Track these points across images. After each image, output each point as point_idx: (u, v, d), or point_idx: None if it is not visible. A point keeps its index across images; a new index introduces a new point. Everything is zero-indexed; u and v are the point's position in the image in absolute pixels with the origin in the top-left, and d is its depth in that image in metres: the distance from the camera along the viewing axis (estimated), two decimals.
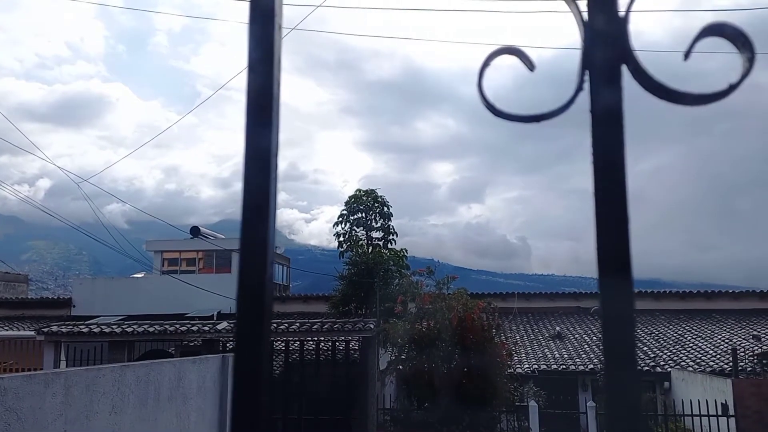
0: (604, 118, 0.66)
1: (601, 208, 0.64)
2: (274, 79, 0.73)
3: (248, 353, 0.69)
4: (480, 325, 14.55)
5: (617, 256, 0.63)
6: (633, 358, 0.62)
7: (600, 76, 0.67)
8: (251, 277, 0.69)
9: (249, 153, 0.71)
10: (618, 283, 0.62)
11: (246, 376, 0.68)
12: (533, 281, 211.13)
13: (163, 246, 31.03)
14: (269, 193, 0.72)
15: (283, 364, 15.62)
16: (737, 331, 22.14)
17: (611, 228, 0.63)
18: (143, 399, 6.35)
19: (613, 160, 0.65)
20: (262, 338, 0.68)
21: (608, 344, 0.63)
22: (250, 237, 0.70)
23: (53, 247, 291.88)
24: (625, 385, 0.61)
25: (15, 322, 26.42)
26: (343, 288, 21.43)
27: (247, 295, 0.69)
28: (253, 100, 0.71)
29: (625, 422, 0.61)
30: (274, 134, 0.73)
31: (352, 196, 28.18)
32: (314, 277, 52.23)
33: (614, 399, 0.61)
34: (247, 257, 0.70)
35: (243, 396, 0.67)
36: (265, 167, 0.71)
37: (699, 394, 14.88)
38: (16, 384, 4.63)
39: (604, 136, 0.65)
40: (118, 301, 26.53)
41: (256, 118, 0.72)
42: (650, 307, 25.26)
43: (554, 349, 21.10)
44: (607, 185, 0.64)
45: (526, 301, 26.62)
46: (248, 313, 0.69)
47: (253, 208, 0.70)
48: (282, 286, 34.94)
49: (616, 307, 0.62)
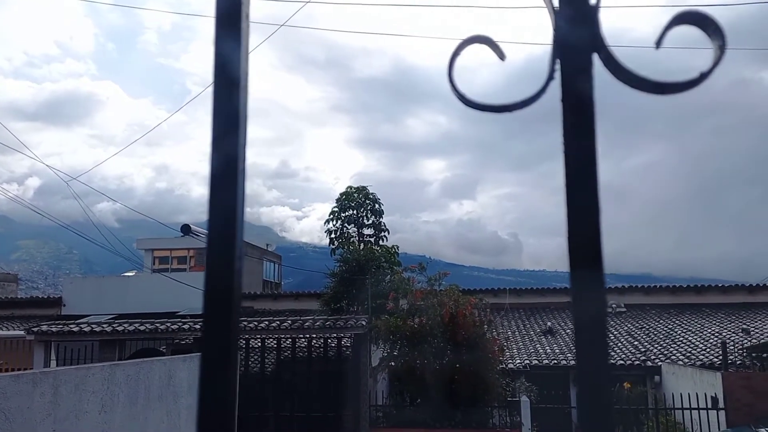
0: (575, 107, 0.65)
1: (572, 197, 0.63)
2: (241, 72, 0.71)
3: (215, 359, 0.67)
4: (472, 320, 14.59)
5: (588, 247, 0.62)
6: (605, 353, 0.62)
7: (571, 64, 0.66)
8: (219, 276, 0.68)
9: (215, 156, 0.69)
10: (590, 274, 0.62)
11: (213, 380, 0.67)
12: (524, 277, 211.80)
13: (154, 244, 30.95)
14: (236, 203, 0.71)
15: (275, 362, 15.60)
16: (727, 324, 22.29)
17: (582, 218, 0.62)
18: (133, 398, 6.32)
19: (585, 149, 0.64)
20: (229, 341, 0.67)
21: (580, 339, 0.62)
22: (218, 235, 0.68)
23: (43, 247, 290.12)
24: (596, 379, 0.60)
25: (5, 321, 26.25)
26: (335, 285, 21.41)
27: (215, 297, 0.68)
28: (220, 93, 0.70)
29: (597, 415, 0.60)
30: (241, 136, 0.71)
31: (344, 193, 28.20)
32: (305, 274, 52.19)
33: (584, 391, 0.61)
34: (215, 257, 0.68)
35: (210, 403, 0.66)
36: (231, 166, 0.69)
37: (689, 387, 14.98)
38: (3, 384, 4.60)
39: (575, 125, 0.65)
40: (108, 299, 26.41)
41: (223, 99, 0.70)
42: (641, 302, 25.40)
43: (546, 344, 21.17)
44: (578, 174, 0.64)
45: (517, 297, 26.69)
46: (215, 315, 0.68)
47: (220, 209, 0.68)
48: (273, 284, 34.90)
49: (588, 299, 0.62)
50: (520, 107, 0.69)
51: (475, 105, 0.71)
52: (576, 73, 0.65)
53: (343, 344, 15.38)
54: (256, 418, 13.86)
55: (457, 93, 0.71)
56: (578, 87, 0.65)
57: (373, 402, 15.16)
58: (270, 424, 14.24)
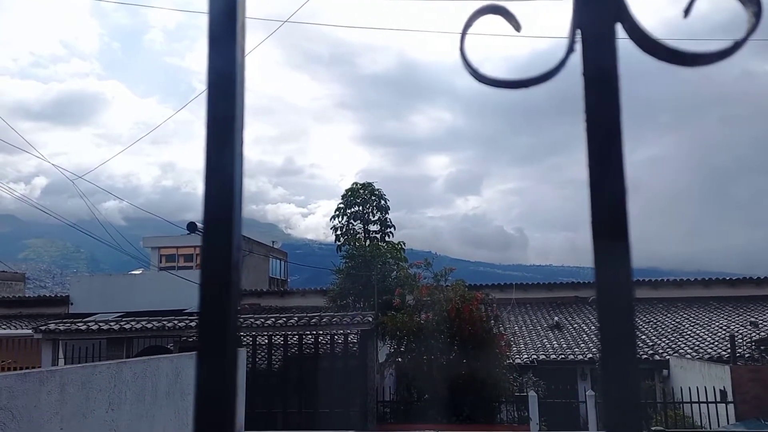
0: (597, 80, 0.61)
1: (596, 173, 0.59)
2: (237, 60, 0.67)
3: (212, 359, 0.64)
4: (478, 316, 14.55)
5: (613, 220, 0.58)
6: (632, 331, 0.58)
7: (592, 35, 0.62)
8: (215, 274, 0.64)
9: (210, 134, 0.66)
10: (614, 245, 0.58)
11: (210, 380, 0.63)
12: (531, 272, 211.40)
13: (161, 242, 30.98)
14: (233, 201, 0.67)
15: (282, 358, 15.61)
16: (735, 318, 22.19)
17: (607, 192, 0.58)
18: (140, 395, 6.31)
19: (609, 122, 0.60)
20: (226, 340, 0.64)
21: (604, 319, 0.58)
22: (214, 234, 0.65)
23: (50, 245, 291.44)
24: (622, 356, 0.57)
25: (13, 320, 26.38)
26: (341, 281, 21.40)
27: (211, 294, 0.64)
28: (214, 82, 0.66)
29: (622, 391, 0.56)
30: (238, 124, 0.67)
31: (349, 190, 28.13)
32: (312, 271, 52.22)
33: (610, 371, 0.57)
34: (211, 249, 0.64)
35: (206, 404, 0.63)
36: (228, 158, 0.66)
37: (697, 381, 14.91)
38: (10, 382, 4.59)
39: (598, 99, 0.61)
40: (116, 298, 26.48)
41: (218, 98, 0.66)
42: (648, 296, 25.30)
43: (553, 339, 21.12)
44: (602, 149, 0.60)
45: (524, 292, 26.63)
46: (211, 315, 0.64)
47: (216, 208, 0.65)
48: (280, 281, 34.93)
49: (613, 273, 0.58)
50: (537, 82, 0.65)
51: (488, 80, 0.67)
52: (598, 45, 0.61)
53: (350, 340, 15.37)
54: (264, 414, 13.87)
55: (469, 68, 0.67)
56: (601, 59, 0.61)
57: (381, 398, 15.16)
58: (278, 421, 14.24)
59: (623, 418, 0.56)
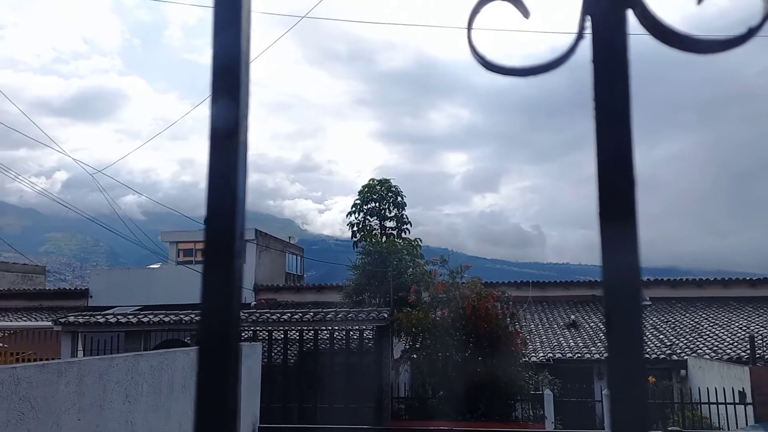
0: (607, 67, 0.60)
1: (604, 160, 0.58)
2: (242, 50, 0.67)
3: (213, 357, 0.64)
4: (494, 313, 14.49)
5: (621, 207, 0.57)
6: (639, 317, 0.57)
7: (602, 21, 0.61)
8: (217, 270, 0.64)
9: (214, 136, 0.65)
10: (621, 228, 0.57)
11: (210, 379, 0.63)
12: (548, 270, 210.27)
13: (179, 237, 31.20)
14: (236, 188, 0.67)
15: (298, 353, 15.66)
16: (755, 318, 21.91)
17: (615, 180, 0.57)
18: (157, 388, 6.37)
19: (618, 111, 0.59)
20: (228, 337, 0.63)
21: (611, 301, 0.57)
22: (216, 227, 0.64)
23: (70, 239, 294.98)
24: (628, 340, 0.55)
25: (33, 312, 26.73)
26: (357, 277, 21.41)
27: (213, 292, 0.64)
28: (218, 73, 0.65)
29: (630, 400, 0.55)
30: (242, 111, 0.67)
31: (366, 186, 28.14)
32: (328, 266, 52.30)
33: (616, 355, 0.56)
34: (212, 250, 0.64)
35: (206, 403, 0.63)
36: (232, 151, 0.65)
37: (716, 381, 14.74)
38: (29, 373, 4.65)
39: (608, 86, 0.59)
40: (134, 291, 26.74)
41: (221, 91, 0.66)
42: (666, 295, 25.04)
43: (569, 337, 20.98)
44: (611, 138, 0.58)
45: (540, 290, 26.47)
46: (213, 312, 0.64)
47: (218, 199, 0.64)
48: (296, 276, 35.05)
49: (619, 256, 0.57)
50: (546, 70, 0.64)
51: (496, 68, 0.66)
52: (608, 31, 0.60)
53: (365, 336, 15.39)
54: (279, 408, 13.94)
55: (476, 55, 0.66)
56: (611, 45, 0.60)
57: (396, 394, 15.16)
58: (293, 415, 14.31)
59: (630, 410, 0.56)
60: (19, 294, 29.81)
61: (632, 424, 0.60)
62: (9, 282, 32.73)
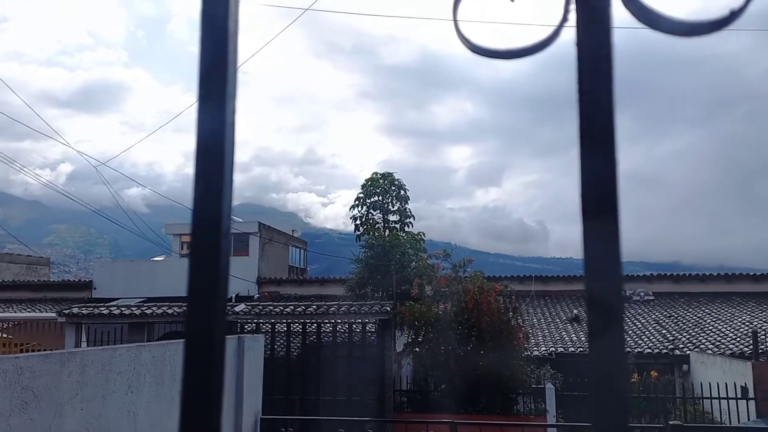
0: (591, 52, 0.60)
1: (587, 148, 0.59)
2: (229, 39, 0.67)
3: (199, 348, 0.65)
4: (497, 307, 14.49)
5: (603, 200, 0.58)
6: (619, 314, 0.57)
7: (587, 5, 0.61)
8: (204, 262, 0.64)
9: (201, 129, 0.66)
10: (603, 224, 0.57)
11: (196, 374, 0.64)
12: (551, 264, 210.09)
13: (182, 229, 31.24)
14: (223, 177, 0.67)
15: (301, 346, 15.70)
16: (758, 313, 21.88)
17: (597, 169, 0.58)
18: (159, 378, 6.40)
19: (600, 96, 0.59)
20: (213, 330, 0.64)
21: (591, 294, 0.58)
22: (202, 217, 0.65)
23: (74, 231, 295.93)
24: (608, 336, 0.56)
25: (37, 304, 26.86)
26: (360, 271, 21.45)
27: (199, 285, 0.65)
28: (204, 76, 0.66)
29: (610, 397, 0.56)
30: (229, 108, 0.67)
31: (369, 179, 28.14)
32: (331, 260, 52.37)
33: (597, 351, 0.56)
34: (199, 241, 0.65)
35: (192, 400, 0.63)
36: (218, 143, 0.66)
37: (718, 377, 14.74)
38: (32, 363, 4.67)
39: (591, 72, 0.60)
40: (138, 283, 26.83)
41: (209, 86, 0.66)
42: (670, 290, 25.03)
43: (572, 331, 21.00)
44: (594, 124, 0.59)
45: (543, 284, 26.48)
46: (199, 304, 0.65)
47: (204, 188, 0.65)
48: (299, 269, 35.12)
49: (601, 252, 0.57)
50: (531, 53, 0.64)
51: (481, 51, 0.66)
52: (593, 15, 0.60)
53: (368, 329, 15.41)
54: (282, 401, 13.98)
55: (461, 37, 0.66)
56: (595, 31, 0.60)
57: (398, 387, 15.19)
58: (296, 407, 14.35)
59: (607, 403, 0.56)
60: (24, 285, 29.93)
61: (613, 422, 0.60)
62: (13, 273, 32.88)
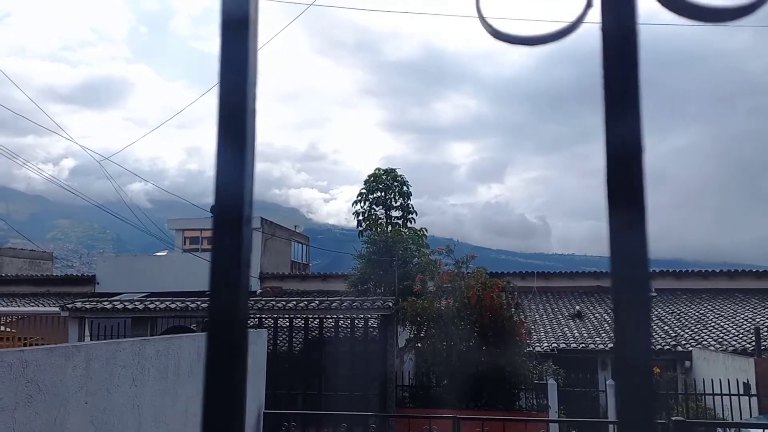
0: (616, 35, 0.60)
1: (613, 132, 0.58)
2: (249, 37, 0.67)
3: (222, 344, 0.65)
4: (499, 303, 14.50)
5: (629, 186, 0.57)
6: (647, 303, 0.57)
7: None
8: (225, 259, 0.64)
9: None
10: (629, 212, 0.57)
11: (219, 366, 0.64)
12: (553, 261, 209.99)
13: (185, 224, 31.29)
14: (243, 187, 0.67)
15: (303, 341, 15.72)
16: (760, 310, 21.86)
17: (624, 154, 0.57)
18: (163, 372, 6.41)
19: (627, 80, 0.59)
20: (235, 323, 0.64)
21: (618, 281, 0.57)
22: (224, 217, 0.65)
23: (77, 226, 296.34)
24: (636, 329, 0.56)
25: (40, 298, 26.91)
26: (362, 266, 21.43)
27: (221, 280, 0.65)
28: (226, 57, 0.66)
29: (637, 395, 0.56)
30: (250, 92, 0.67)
31: (372, 175, 28.11)
32: (333, 255, 52.43)
33: (623, 340, 0.56)
34: (221, 238, 0.65)
35: (215, 392, 0.63)
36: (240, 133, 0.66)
37: (720, 373, 14.74)
38: (37, 357, 4.68)
39: (617, 55, 0.59)
40: (141, 278, 26.86)
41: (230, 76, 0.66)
42: (672, 287, 25.00)
43: (574, 328, 21.00)
44: (619, 108, 0.58)
45: (545, 281, 26.48)
46: (221, 298, 0.65)
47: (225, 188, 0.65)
48: (301, 265, 35.14)
49: (627, 238, 0.57)
50: (555, 38, 0.64)
51: (505, 37, 0.66)
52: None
53: (370, 325, 15.43)
54: (285, 395, 14.01)
55: (485, 24, 0.66)
56: (620, 14, 0.60)
57: (400, 382, 15.22)
58: (298, 402, 14.38)
59: (637, 395, 0.56)
60: (27, 280, 30.00)
61: (639, 416, 0.60)
62: (17, 268, 32.94)
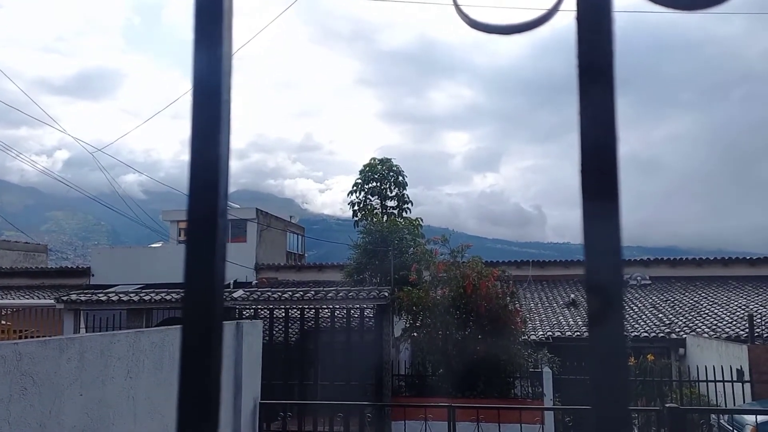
0: (591, 20, 0.59)
1: (587, 122, 0.58)
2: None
3: (197, 340, 0.64)
4: (494, 292, 14.53)
5: (603, 175, 0.57)
6: (620, 298, 0.57)
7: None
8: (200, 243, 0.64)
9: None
10: (603, 204, 0.57)
11: (193, 365, 0.63)
12: (548, 249, 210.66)
13: (180, 216, 31.21)
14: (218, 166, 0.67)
15: (299, 332, 15.76)
16: (754, 297, 21.98)
17: (598, 142, 0.57)
18: (158, 364, 6.41)
19: (601, 66, 0.58)
20: (213, 315, 0.64)
21: (590, 278, 0.57)
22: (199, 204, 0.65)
23: (72, 218, 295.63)
24: (608, 325, 0.56)
25: (35, 290, 26.88)
26: (358, 256, 21.45)
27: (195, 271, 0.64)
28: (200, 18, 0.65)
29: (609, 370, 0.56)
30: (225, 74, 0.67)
31: (367, 165, 28.12)
32: (329, 246, 52.41)
33: (597, 339, 0.57)
34: (196, 227, 0.65)
35: (189, 389, 0.63)
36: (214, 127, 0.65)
37: (714, 360, 14.84)
38: (31, 349, 4.68)
39: (591, 44, 0.59)
40: (136, 270, 26.83)
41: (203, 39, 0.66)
42: (666, 274, 25.13)
43: (569, 316, 21.09)
44: (593, 94, 0.58)
45: (540, 269, 26.55)
46: (197, 290, 0.64)
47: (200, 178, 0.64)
48: (297, 255, 35.14)
49: (601, 235, 0.57)
50: (531, 27, 0.64)
51: (480, 26, 0.65)
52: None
53: (366, 315, 15.47)
54: (280, 386, 14.05)
55: (461, 13, 0.65)
56: (595, 1, 0.59)
57: (396, 372, 15.27)
58: (294, 392, 14.43)
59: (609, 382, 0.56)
60: (21, 272, 29.95)
61: (613, 404, 0.61)
62: (11, 260, 32.86)
